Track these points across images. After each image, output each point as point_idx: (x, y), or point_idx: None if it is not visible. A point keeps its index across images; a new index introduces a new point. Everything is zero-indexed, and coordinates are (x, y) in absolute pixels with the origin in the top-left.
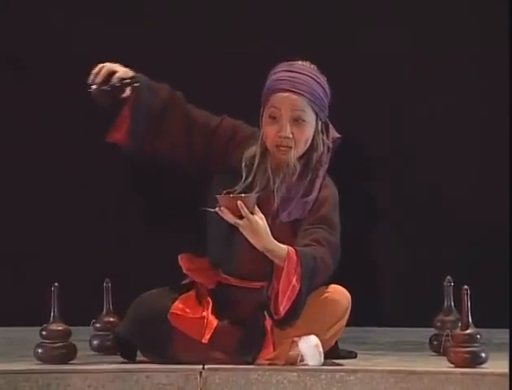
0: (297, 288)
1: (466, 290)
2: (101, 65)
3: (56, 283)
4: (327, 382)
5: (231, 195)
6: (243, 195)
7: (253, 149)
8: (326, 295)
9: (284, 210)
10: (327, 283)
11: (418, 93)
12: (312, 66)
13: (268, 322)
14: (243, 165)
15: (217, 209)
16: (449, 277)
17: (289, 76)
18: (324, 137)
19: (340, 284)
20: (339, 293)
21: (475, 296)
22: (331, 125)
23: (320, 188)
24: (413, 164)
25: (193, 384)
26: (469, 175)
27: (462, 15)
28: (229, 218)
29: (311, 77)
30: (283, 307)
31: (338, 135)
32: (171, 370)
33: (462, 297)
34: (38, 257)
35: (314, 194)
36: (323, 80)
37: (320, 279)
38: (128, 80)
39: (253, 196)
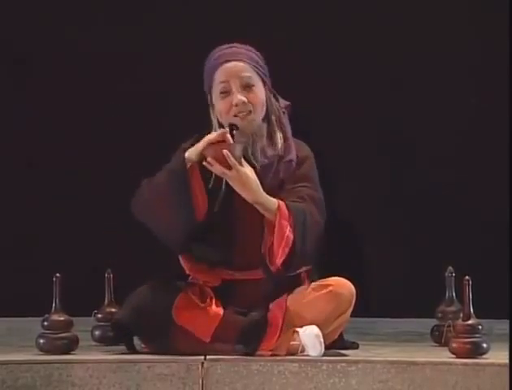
0: (291, 239)
1: (468, 280)
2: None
3: (58, 274)
4: (329, 372)
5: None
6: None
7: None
8: (330, 288)
9: (267, 175)
10: (328, 276)
11: (419, 75)
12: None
13: (279, 316)
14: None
15: (204, 162)
16: (450, 268)
17: (227, 51)
18: (277, 104)
19: (343, 275)
20: (343, 286)
21: (476, 286)
22: (278, 95)
23: (295, 147)
24: (413, 151)
25: (194, 375)
26: (470, 164)
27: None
28: (217, 169)
29: (247, 49)
30: (279, 258)
31: (287, 102)
32: (173, 360)
33: (463, 288)
34: (40, 247)
35: (293, 152)
36: (258, 53)
37: (313, 233)
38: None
39: (239, 144)
